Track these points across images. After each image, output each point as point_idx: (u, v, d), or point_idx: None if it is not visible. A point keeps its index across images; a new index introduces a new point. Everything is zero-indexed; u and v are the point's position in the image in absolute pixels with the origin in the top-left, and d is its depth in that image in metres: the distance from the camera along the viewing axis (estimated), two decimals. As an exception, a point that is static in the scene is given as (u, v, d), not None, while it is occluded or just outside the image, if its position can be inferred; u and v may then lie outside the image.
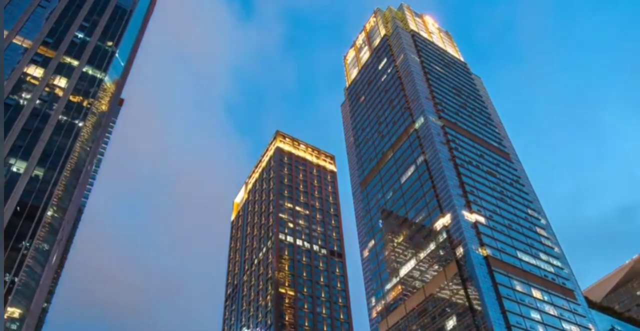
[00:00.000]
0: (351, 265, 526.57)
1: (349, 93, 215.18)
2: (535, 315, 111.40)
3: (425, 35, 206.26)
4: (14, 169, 75.57)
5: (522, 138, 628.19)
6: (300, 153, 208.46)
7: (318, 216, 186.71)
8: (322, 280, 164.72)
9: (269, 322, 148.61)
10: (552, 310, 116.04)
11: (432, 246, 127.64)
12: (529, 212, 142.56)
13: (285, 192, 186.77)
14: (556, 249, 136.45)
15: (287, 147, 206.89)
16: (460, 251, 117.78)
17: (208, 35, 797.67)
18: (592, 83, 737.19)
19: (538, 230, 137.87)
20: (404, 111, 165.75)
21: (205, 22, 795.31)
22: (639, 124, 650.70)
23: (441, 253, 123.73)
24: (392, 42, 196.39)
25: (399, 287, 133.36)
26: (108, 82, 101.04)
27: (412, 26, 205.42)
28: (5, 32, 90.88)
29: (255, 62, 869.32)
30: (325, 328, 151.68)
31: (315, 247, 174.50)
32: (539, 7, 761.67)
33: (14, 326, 66.42)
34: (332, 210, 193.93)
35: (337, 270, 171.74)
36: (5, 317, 64.81)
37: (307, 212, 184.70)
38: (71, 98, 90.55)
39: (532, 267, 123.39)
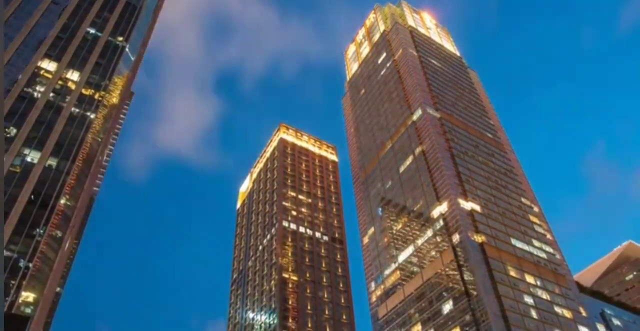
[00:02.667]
0: (352, 251, 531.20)
1: (350, 86, 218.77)
2: (529, 299, 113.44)
3: (423, 30, 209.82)
4: (29, 159, 76.90)
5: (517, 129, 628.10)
6: (303, 144, 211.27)
7: (320, 204, 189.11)
8: (323, 265, 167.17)
9: (273, 306, 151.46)
10: (544, 295, 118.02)
11: (429, 233, 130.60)
12: (522, 200, 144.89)
13: (289, 181, 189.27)
14: (548, 236, 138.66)
15: (290, 138, 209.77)
16: (456, 238, 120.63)
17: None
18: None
19: (531, 217, 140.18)
20: (402, 103, 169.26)
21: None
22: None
23: (438, 239, 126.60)
24: (391, 38, 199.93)
25: (398, 272, 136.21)
26: (118, 75, 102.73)
27: (411, 22, 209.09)
28: (20, 28, 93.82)
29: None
30: (327, 312, 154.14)
31: (317, 234, 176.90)
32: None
33: (28, 310, 67.28)
34: (333, 198, 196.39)
35: (338, 256, 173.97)
36: (20, 301, 66.16)
37: (310, 201, 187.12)
38: (83, 91, 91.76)
39: (525, 253, 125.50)
